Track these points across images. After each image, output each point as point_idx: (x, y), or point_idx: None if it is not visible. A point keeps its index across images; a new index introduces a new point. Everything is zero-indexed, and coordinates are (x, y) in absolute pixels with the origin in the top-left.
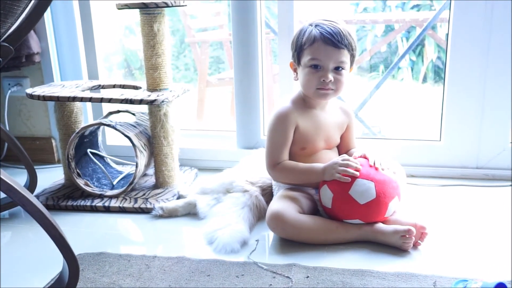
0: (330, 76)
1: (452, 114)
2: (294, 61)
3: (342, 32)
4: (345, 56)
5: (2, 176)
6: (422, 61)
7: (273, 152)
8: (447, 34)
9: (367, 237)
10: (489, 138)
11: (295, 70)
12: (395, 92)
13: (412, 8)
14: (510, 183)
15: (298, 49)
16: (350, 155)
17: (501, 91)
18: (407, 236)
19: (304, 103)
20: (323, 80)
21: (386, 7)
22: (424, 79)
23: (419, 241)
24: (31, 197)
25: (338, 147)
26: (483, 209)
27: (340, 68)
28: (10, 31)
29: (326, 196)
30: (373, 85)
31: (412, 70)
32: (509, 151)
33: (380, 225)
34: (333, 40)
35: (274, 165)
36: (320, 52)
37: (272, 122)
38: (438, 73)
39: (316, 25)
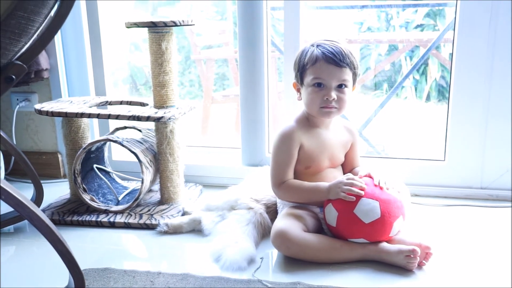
0: (333, 95)
1: (456, 134)
2: (297, 81)
3: (344, 51)
4: (348, 75)
5: (10, 191)
6: (426, 80)
7: (278, 171)
8: (451, 54)
9: (372, 256)
10: (493, 158)
11: (298, 90)
12: (398, 110)
13: (415, 28)
14: None
15: (301, 69)
16: (355, 174)
17: (505, 111)
18: (412, 256)
19: (308, 122)
20: (326, 98)
21: (390, 26)
22: (428, 98)
23: (423, 261)
24: (39, 212)
25: (342, 165)
26: (487, 229)
27: (343, 86)
28: (23, 49)
29: (331, 214)
30: (377, 103)
31: (415, 89)
32: None
33: (384, 245)
34: (335, 59)
35: (279, 184)
36: (323, 71)
37: (277, 141)
38: (442, 92)
39: (317, 45)
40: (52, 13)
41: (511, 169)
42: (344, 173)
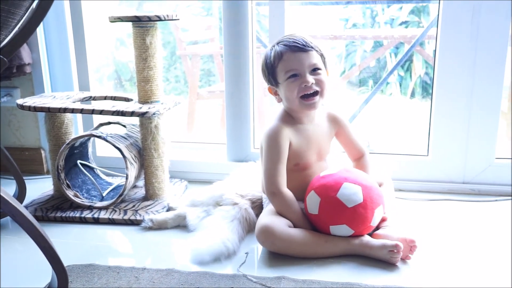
0: (311, 79)
1: (439, 130)
2: (271, 84)
3: (304, 38)
4: (316, 58)
5: None
6: (410, 76)
7: (272, 171)
8: (435, 51)
9: (356, 251)
10: (476, 153)
11: (275, 94)
12: (383, 106)
13: (400, 24)
14: (495, 198)
15: (270, 70)
16: (361, 167)
17: (487, 107)
18: (395, 251)
19: (292, 119)
20: (305, 85)
21: (375, 23)
22: (412, 94)
23: (409, 255)
24: (21, 208)
25: (347, 153)
26: (470, 223)
27: (317, 69)
28: (4, 43)
29: (313, 202)
30: (362, 99)
31: (400, 85)
32: (495, 167)
33: (368, 239)
34: (299, 45)
35: (276, 192)
36: (292, 61)
37: (265, 142)
38: (426, 88)
39: (277, 43)
40: (34, 5)
41: (495, 163)
42: (351, 159)
